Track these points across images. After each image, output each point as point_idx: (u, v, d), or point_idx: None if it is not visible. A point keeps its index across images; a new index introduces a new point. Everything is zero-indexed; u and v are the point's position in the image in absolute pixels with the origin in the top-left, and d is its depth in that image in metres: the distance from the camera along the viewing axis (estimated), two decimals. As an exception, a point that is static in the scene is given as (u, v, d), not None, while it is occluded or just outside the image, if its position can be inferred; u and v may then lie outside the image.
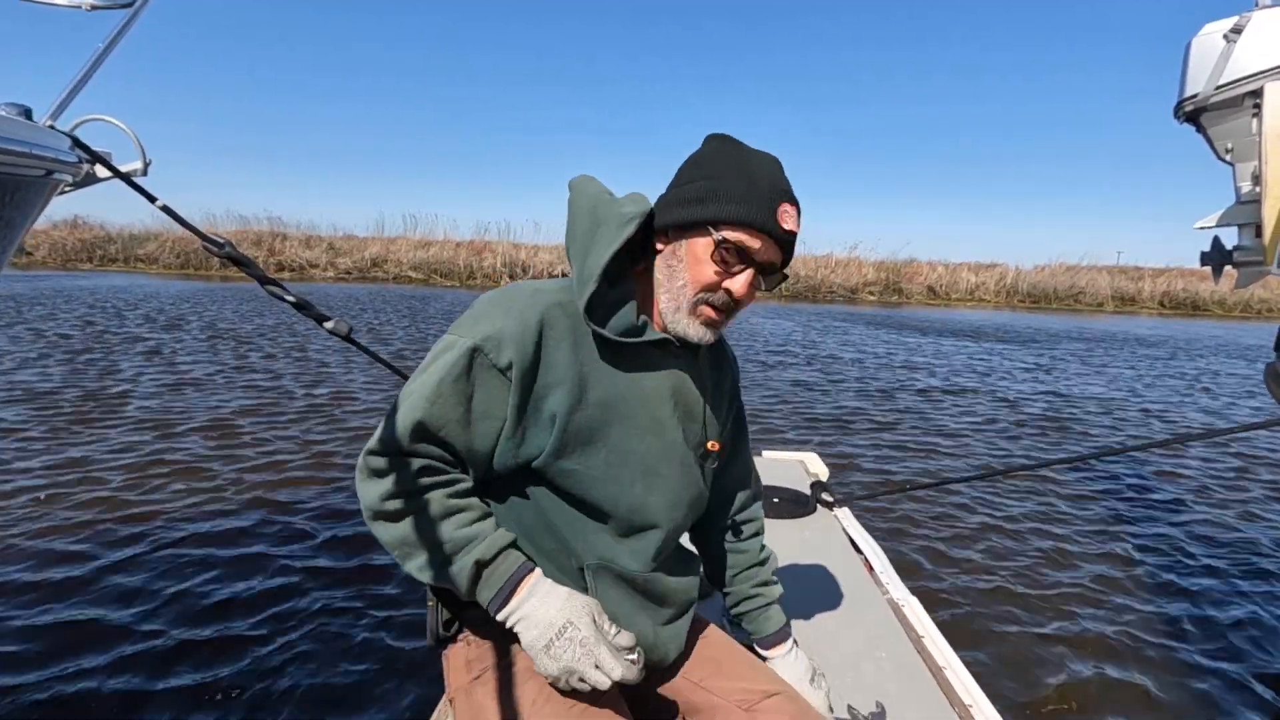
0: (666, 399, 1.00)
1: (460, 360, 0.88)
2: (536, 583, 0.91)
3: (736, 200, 0.89)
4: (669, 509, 1.01)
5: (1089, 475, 4.77)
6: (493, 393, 0.90)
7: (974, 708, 1.40)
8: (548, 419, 0.91)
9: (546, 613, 0.88)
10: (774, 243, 0.92)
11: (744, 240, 0.90)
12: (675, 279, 0.94)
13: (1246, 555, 3.53)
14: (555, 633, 0.87)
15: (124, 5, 2.02)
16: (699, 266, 0.92)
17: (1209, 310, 24.07)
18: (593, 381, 0.94)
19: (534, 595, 0.89)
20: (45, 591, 2.62)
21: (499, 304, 0.92)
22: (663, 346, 0.99)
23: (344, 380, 6.80)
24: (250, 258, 1.74)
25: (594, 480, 0.95)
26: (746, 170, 0.91)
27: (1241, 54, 1.96)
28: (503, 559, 0.91)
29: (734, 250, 0.90)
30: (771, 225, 0.90)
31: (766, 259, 0.93)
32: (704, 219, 0.90)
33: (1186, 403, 7.73)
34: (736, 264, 0.91)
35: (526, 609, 0.89)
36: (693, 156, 0.97)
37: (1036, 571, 3.22)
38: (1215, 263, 2.18)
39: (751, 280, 0.92)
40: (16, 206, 1.68)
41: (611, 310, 0.94)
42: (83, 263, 21.30)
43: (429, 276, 22.22)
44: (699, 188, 0.92)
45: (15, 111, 1.56)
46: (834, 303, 21.95)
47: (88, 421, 4.89)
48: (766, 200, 0.90)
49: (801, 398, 6.98)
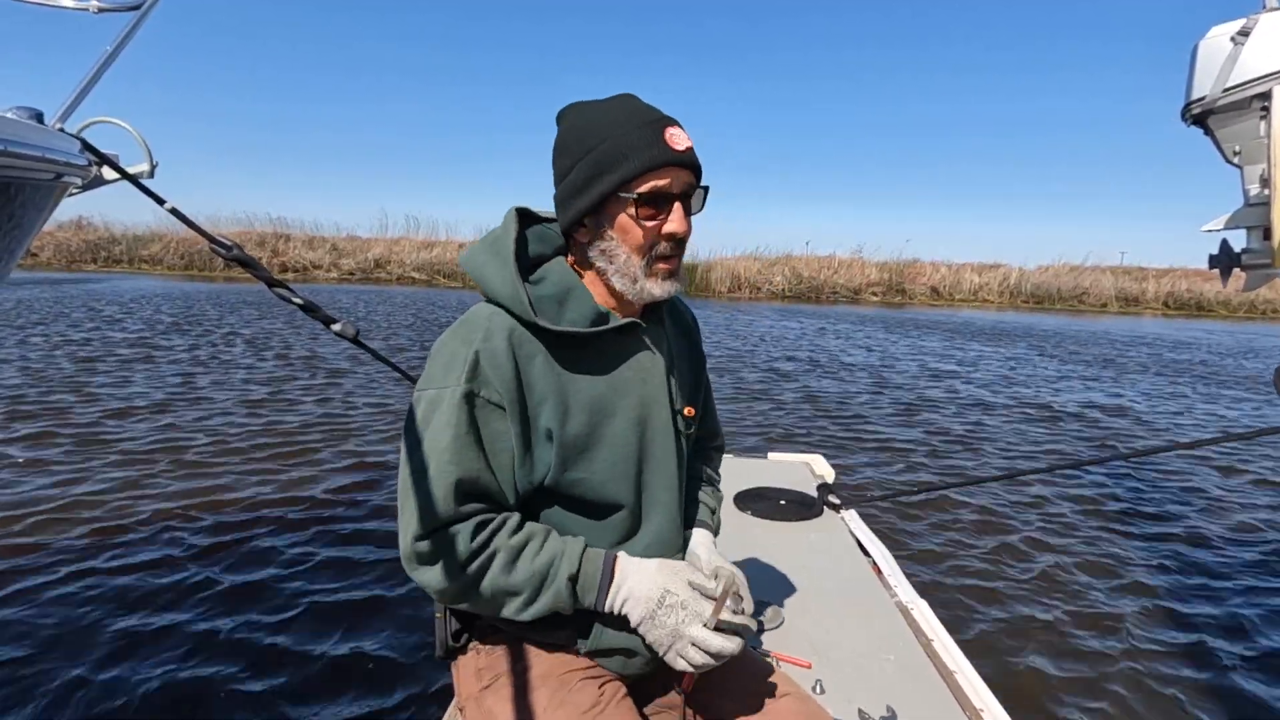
0: (643, 381, 1.00)
1: (459, 411, 0.86)
2: (624, 565, 0.94)
3: (625, 156, 0.87)
4: (670, 484, 1.03)
5: (1104, 479, 4.74)
6: (498, 428, 0.89)
7: (985, 712, 1.39)
8: (545, 436, 0.92)
9: (643, 588, 0.91)
10: (682, 168, 0.90)
11: (656, 184, 0.88)
12: (617, 258, 0.92)
13: (1271, 562, 3.51)
14: (656, 603, 0.90)
15: (131, 8, 2.03)
16: (631, 233, 0.91)
17: (1213, 311, 23.99)
18: (572, 389, 0.93)
19: (628, 577, 0.92)
20: (46, 592, 2.63)
21: (464, 339, 0.90)
22: (628, 330, 0.98)
23: (350, 382, 6.81)
24: (257, 260, 1.75)
25: (602, 483, 0.96)
26: (611, 125, 0.89)
27: (1249, 56, 1.95)
28: (587, 562, 0.92)
29: (653, 198, 0.89)
30: (669, 154, 0.88)
31: (684, 186, 0.91)
32: (609, 191, 0.88)
33: (1200, 407, 7.71)
34: (661, 210, 0.90)
35: (625, 591, 0.91)
36: (556, 144, 0.95)
37: (1046, 576, 3.21)
38: (1224, 265, 2.17)
39: (684, 214, 0.91)
40: (28, 209, 1.68)
41: (558, 305, 0.93)
42: (87, 264, 21.36)
43: (432, 278, 22.26)
44: (583, 167, 0.90)
45: (27, 115, 1.56)
46: (837, 304, 21.93)
47: (83, 424, 4.90)
48: (648, 137, 0.87)
49: (808, 400, 6.97)
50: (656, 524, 1.02)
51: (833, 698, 1.39)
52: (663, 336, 1.05)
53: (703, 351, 1.21)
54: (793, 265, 23.85)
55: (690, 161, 0.90)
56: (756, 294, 22.76)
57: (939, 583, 3.05)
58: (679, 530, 1.07)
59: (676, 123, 0.91)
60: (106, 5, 2.07)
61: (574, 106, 0.95)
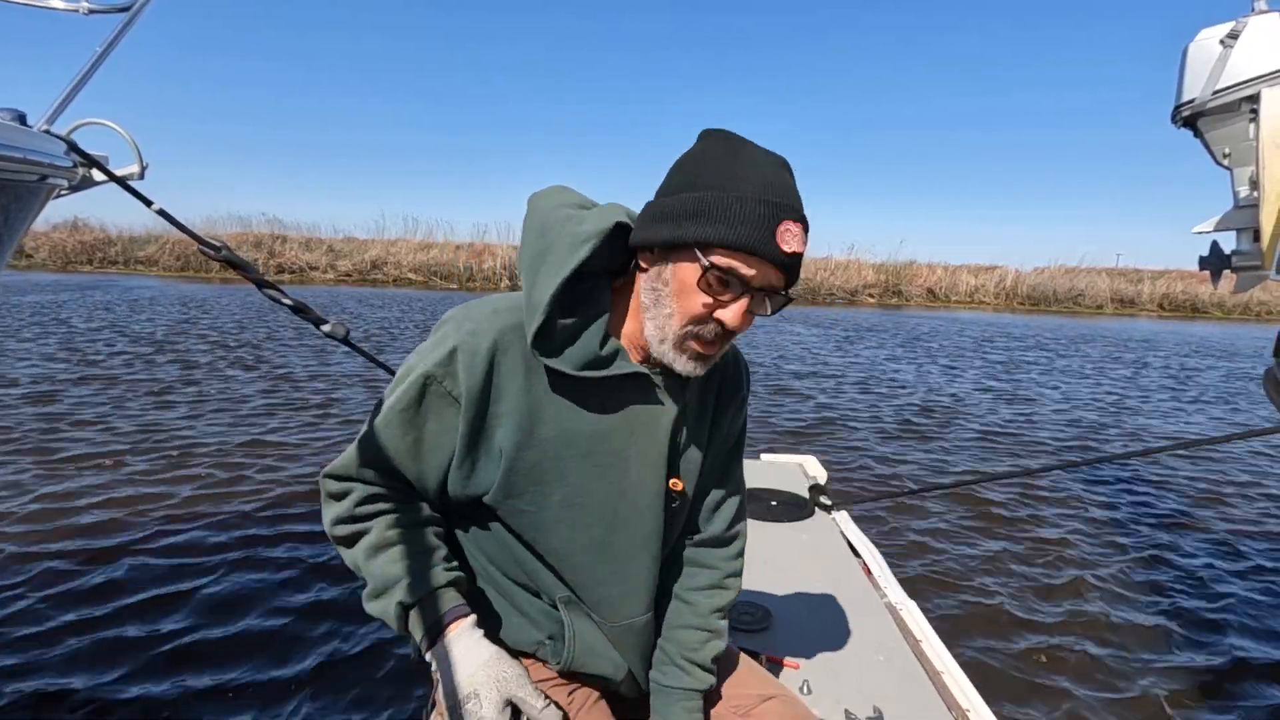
0: (632, 433, 0.90)
1: (412, 389, 0.84)
2: (459, 634, 0.85)
3: (727, 220, 0.75)
4: (641, 558, 0.94)
5: (1096, 479, 4.76)
6: (445, 421, 0.85)
7: (971, 712, 1.39)
8: (495, 453, 0.86)
9: (458, 676, 0.82)
10: (773, 266, 0.78)
11: (736, 267, 0.77)
12: (661, 307, 0.82)
13: (1258, 561, 3.52)
14: (461, 700, 0.81)
15: (121, 9, 2.03)
16: (686, 296, 0.80)
17: (1208, 313, 24.06)
18: (544, 416, 0.86)
19: (449, 653, 0.83)
20: (46, 595, 2.62)
21: (457, 325, 0.86)
22: (636, 380, 0.88)
23: (340, 383, 6.79)
24: (247, 260, 1.75)
25: (547, 525, 0.89)
26: (741, 180, 0.77)
27: (1238, 59, 1.96)
28: (430, 602, 0.85)
29: (725, 278, 0.78)
30: (769, 249, 0.76)
31: (765, 284, 0.79)
32: (689, 240, 0.77)
33: (1191, 409, 7.73)
34: (727, 293, 0.79)
35: (440, 665, 0.83)
36: (682, 158, 0.84)
37: (1036, 577, 3.22)
38: (1214, 267, 2.18)
39: (745, 309, 0.80)
40: (11, 211, 1.68)
41: (570, 338, 0.84)
42: (82, 265, 21.28)
43: (429, 279, 22.20)
44: (685, 200, 0.78)
45: (9, 116, 1.56)
46: (833, 305, 21.95)
47: (73, 425, 4.89)
48: (763, 219, 0.76)
49: (801, 400, 6.98)
50: (617, 599, 0.95)
51: (820, 698, 1.39)
52: (684, 391, 0.93)
53: (742, 413, 1.06)
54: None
55: (788, 265, 0.79)
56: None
57: (929, 584, 3.06)
58: (644, 607, 0.98)
59: (800, 220, 0.79)
60: (97, 7, 2.07)
61: (724, 135, 0.82)
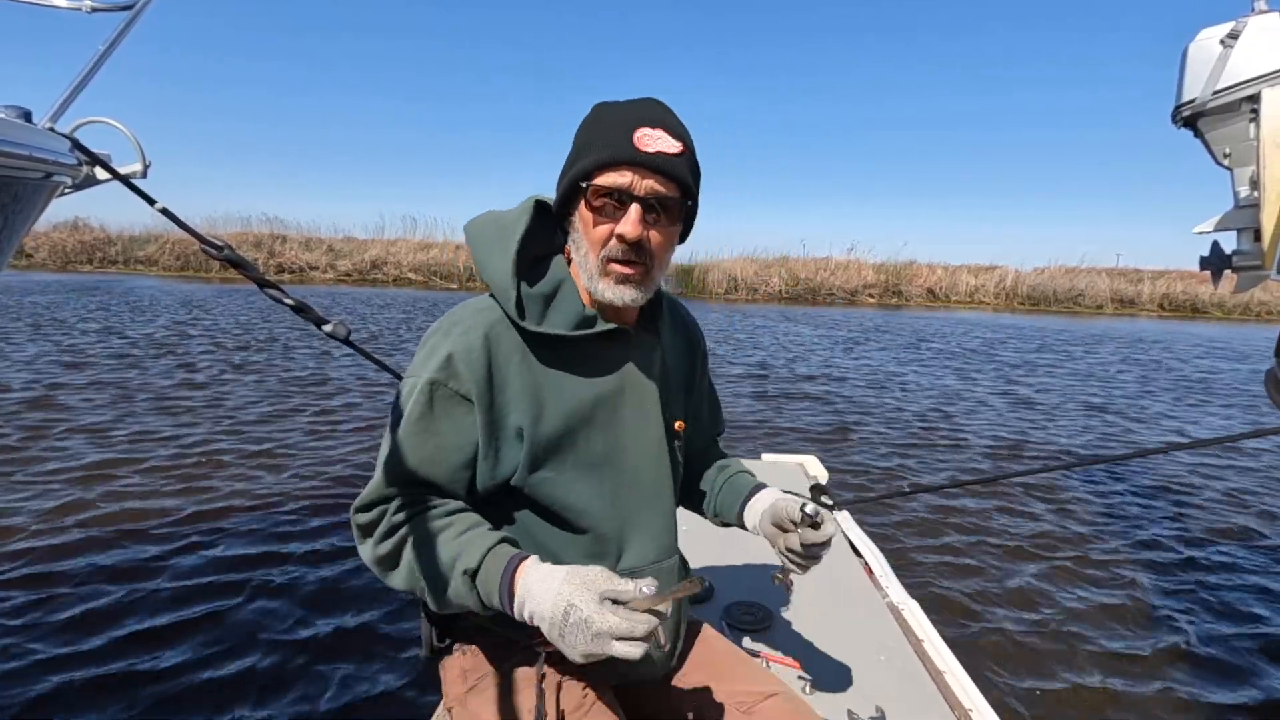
0: (626, 390, 0.98)
1: (421, 399, 0.88)
2: (527, 576, 0.82)
3: (591, 148, 0.87)
4: (655, 504, 1.02)
5: (1098, 480, 4.76)
6: (460, 421, 0.89)
7: (974, 712, 1.40)
8: (515, 435, 0.91)
9: (547, 602, 0.78)
10: (647, 170, 0.86)
11: (610, 181, 0.86)
12: (579, 249, 0.92)
13: (1259, 561, 3.52)
14: (561, 620, 0.77)
15: (124, 8, 2.03)
16: (589, 229, 0.90)
17: (1208, 313, 24.05)
18: (548, 390, 0.92)
19: (530, 590, 0.80)
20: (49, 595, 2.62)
21: (445, 331, 0.92)
22: (616, 336, 0.96)
23: (341, 384, 6.79)
24: (249, 260, 1.75)
25: (568, 486, 0.94)
26: (607, 119, 0.89)
27: (1238, 59, 1.96)
28: (489, 560, 0.83)
29: (606, 194, 0.87)
30: (629, 153, 0.85)
31: (649, 191, 0.87)
32: (573, 180, 0.89)
33: (1198, 408, 7.73)
34: (616, 207, 0.88)
35: (530, 607, 0.80)
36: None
37: (1037, 576, 3.22)
38: (1214, 267, 2.18)
39: (639, 218, 0.87)
40: (15, 209, 1.68)
41: (546, 303, 0.92)
42: (82, 265, 21.28)
43: (429, 279, 22.20)
44: (568, 159, 0.92)
45: (15, 114, 1.56)
46: (833, 305, 21.95)
47: (70, 428, 4.89)
48: (619, 130, 0.86)
49: (802, 401, 6.98)
50: (639, 545, 0.99)
51: (822, 698, 1.39)
52: (657, 346, 1.03)
53: (705, 365, 1.21)
54: (789, 267, 23.81)
55: (657, 165, 0.86)
56: (754, 296, 22.75)
57: (930, 583, 3.06)
58: (666, 550, 1.03)
59: (664, 126, 0.87)
60: (100, 5, 2.07)
61: (601, 103, 0.94)
